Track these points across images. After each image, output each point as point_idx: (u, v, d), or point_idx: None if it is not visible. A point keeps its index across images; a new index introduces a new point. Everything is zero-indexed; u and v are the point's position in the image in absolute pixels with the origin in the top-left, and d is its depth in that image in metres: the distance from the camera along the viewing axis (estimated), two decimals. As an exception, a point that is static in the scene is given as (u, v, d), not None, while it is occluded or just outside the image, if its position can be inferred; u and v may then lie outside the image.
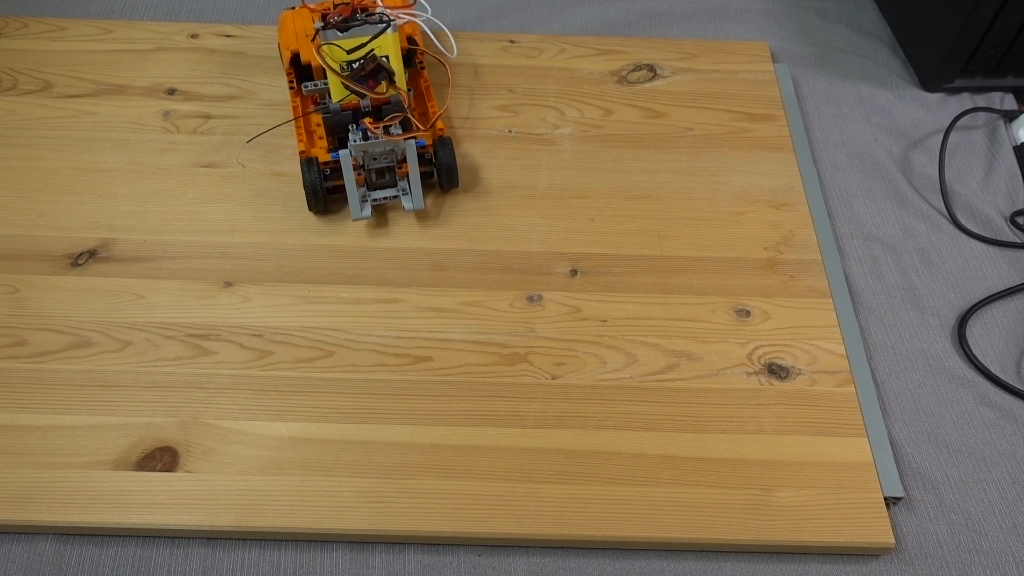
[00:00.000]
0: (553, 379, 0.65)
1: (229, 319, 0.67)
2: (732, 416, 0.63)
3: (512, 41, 0.90)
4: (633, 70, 0.88)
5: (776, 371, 0.66)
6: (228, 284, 0.69)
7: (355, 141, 0.69)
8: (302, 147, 0.73)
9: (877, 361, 0.69)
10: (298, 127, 0.75)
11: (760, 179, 0.79)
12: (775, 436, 0.62)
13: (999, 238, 0.77)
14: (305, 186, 0.71)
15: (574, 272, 0.72)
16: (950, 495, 0.62)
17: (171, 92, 0.83)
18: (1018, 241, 0.77)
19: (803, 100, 0.88)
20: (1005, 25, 0.83)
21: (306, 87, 0.75)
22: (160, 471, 0.59)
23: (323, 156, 0.72)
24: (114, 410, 0.62)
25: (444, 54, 0.83)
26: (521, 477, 0.60)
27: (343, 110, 0.71)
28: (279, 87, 0.84)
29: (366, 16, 0.72)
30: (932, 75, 0.88)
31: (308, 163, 0.71)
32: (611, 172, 0.79)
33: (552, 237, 0.74)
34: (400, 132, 0.70)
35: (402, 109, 0.70)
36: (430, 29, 0.82)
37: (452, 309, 0.69)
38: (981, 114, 0.86)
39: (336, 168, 0.71)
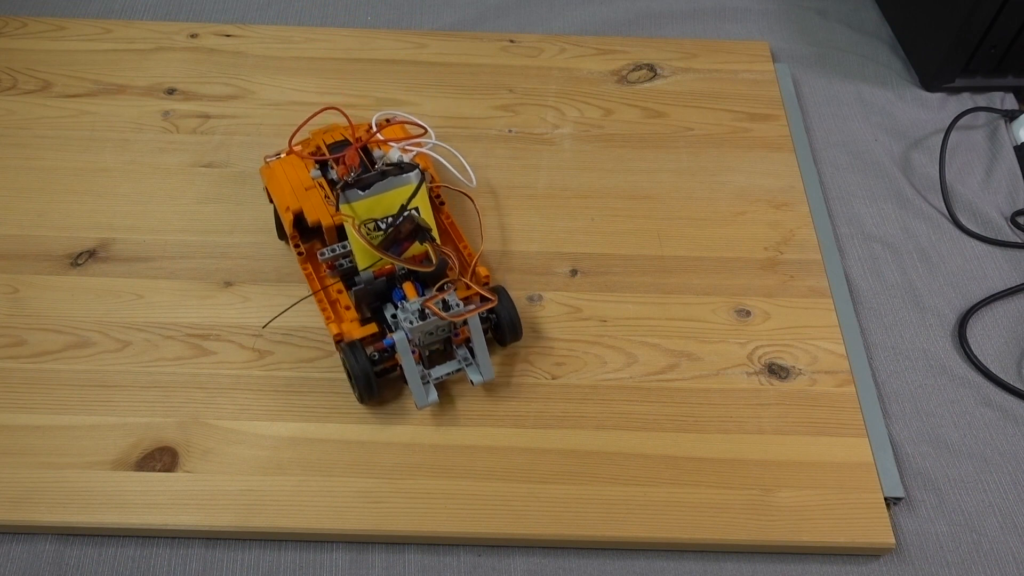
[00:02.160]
0: (553, 379, 0.65)
1: (229, 319, 0.67)
2: (732, 416, 0.63)
3: (512, 41, 0.90)
4: (633, 70, 0.88)
5: (776, 371, 0.66)
6: (228, 284, 0.69)
7: (410, 322, 0.59)
8: (335, 328, 0.61)
9: (877, 361, 0.69)
10: (319, 300, 0.64)
11: (760, 179, 0.79)
12: (775, 436, 0.62)
13: (999, 238, 0.77)
14: (355, 379, 0.60)
15: (574, 272, 0.72)
16: (950, 495, 0.62)
17: (171, 92, 0.83)
18: (1018, 241, 0.77)
19: (803, 100, 0.88)
20: (1005, 25, 0.83)
21: (323, 255, 0.64)
22: (160, 471, 0.59)
23: (356, 332, 0.61)
24: (113, 410, 0.62)
25: (464, 184, 0.72)
26: (521, 477, 0.60)
27: (376, 278, 0.61)
28: (279, 87, 0.84)
29: (385, 166, 0.62)
30: (932, 75, 0.88)
31: (352, 350, 0.59)
32: (611, 172, 0.79)
33: (552, 237, 0.74)
34: (460, 305, 0.60)
35: (442, 271, 0.60)
36: (433, 153, 0.72)
37: (452, 309, 0.68)
38: (981, 114, 0.86)
39: (383, 347, 0.60)
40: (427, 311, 0.59)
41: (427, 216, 0.62)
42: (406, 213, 0.60)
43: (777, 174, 0.79)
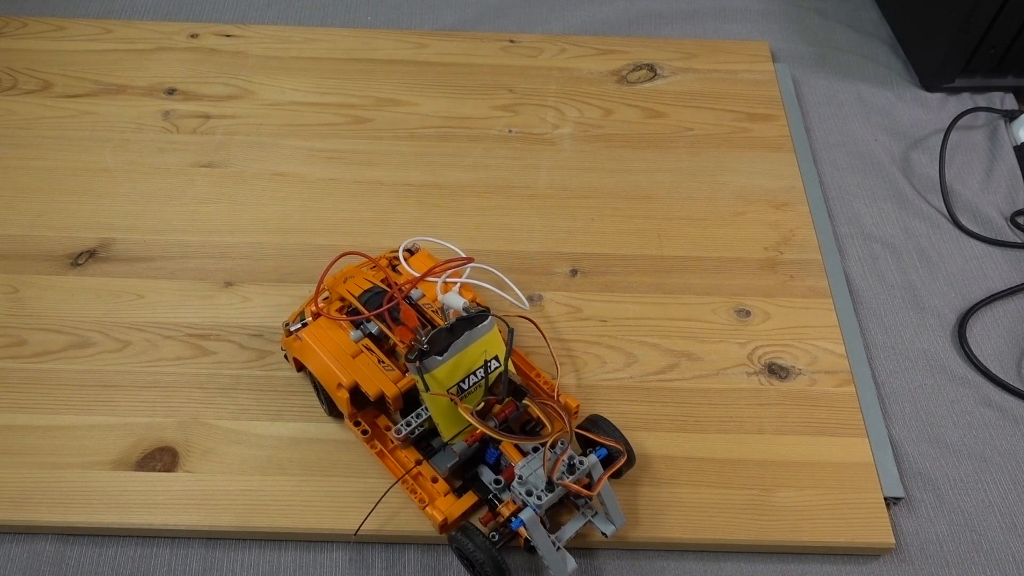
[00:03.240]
0: (553, 379, 0.65)
1: (229, 319, 0.67)
2: (732, 416, 0.63)
3: (512, 41, 0.90)
4: (633, 70, 0.88)
5: (776, 371, 0.66)
6: (228, 284, 0.69)
7: (539, 497, 0.52)
8: (438, 515, 0.54)
9: (877, 361, 0.69)
10: (405, 483, 0.57)
11: (760, 179, 0.79)
12: (775, 436, 0.62)
13: (999, 238, 0.77)
14: (483, 570, 0.52)
15: (574, 272, 0.72)
16: (950, 495, 0.62)
17: (171, 92, 0.83)
18: (1018, 241, 0.77)
19: (803, 100, 0.88)
20: (1005, 25, 0.83)
21: (399, 431, 0.55)
22: (160, 471, 0.59)
23: (456, 510, 0.55)
24: (114, 410, 0.62)
25: (517, 306, 0.62)
26: (521, 477, 0.60)
27: (469, 445, 0.55)
28: (279, 87, 0.84)
29: (454, 320, 0.53)
30: (932, 75, 0.88)
31: (470, 537, 0.52)
32: (611, 172, 0.79)
33: (552, 237, 0.74)
34: (582, 462, 0.53)
35: (523, 422, 0.55)
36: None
37: (452, 309, 0.68)
38: (981, 114, 0.86)
39: (499, 525, 0.54)
40: (556, 484, 0.52)
41: (506, 362, 0.55)
42: (499, 372, 0.55)
43: (777, 174, 0.79)
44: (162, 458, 0.60)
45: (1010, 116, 0.86)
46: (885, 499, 0.60)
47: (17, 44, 0.87)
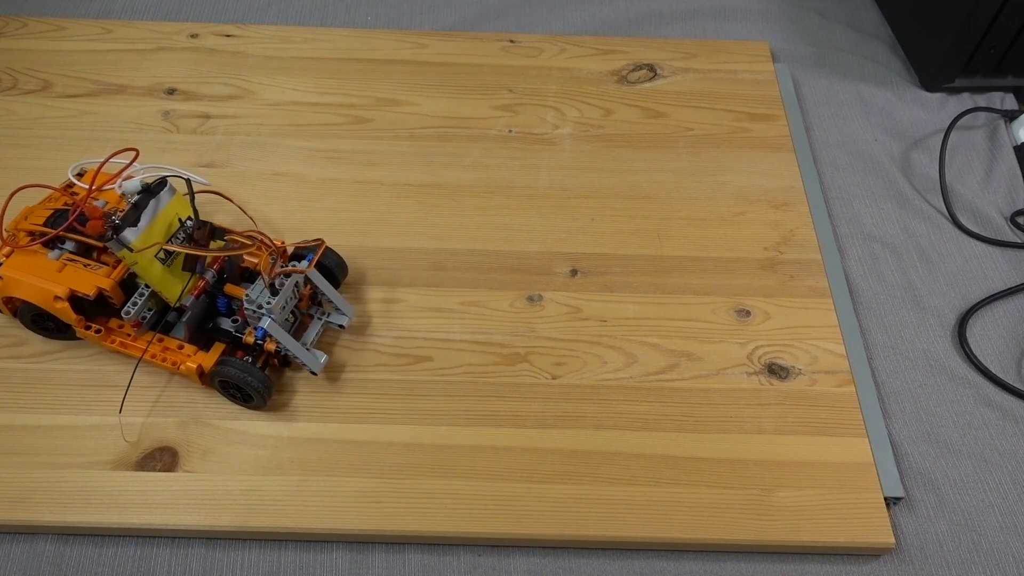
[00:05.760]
0: (553, 379, 0.65)
1: (229, 319, 0.67)
2: (732, 416, 0.63)
3: (512, 41, 0.90)
4: (633, 70, 0.88)
5: (776, 371, 0.66)
6: (228, 284, 0.69)
7: (268, 303, 0.59)
8: (192, 364, 0.60)
9: (877, 361, 0.69)
10: (151, 357, 0.61)
11: (760, 179, 0.79)
12: (775, 436, 0.62)
13: (999, 238, 0.77)
14: (252, 387, 0.59)
15: (574, 272, 0.72)
16: (950, 495, 0.62)
17: (171, 92, 0.83)
18: (1018, 241, 0.77)
19: (803, 100, 0.88)
20: (1005, 25, 0.83)
21: (128, 313, 0.59)
22: (160, 471, 0.59)
23: (210, 359, 0.60)
24: (114, 410, 0.62)
25: (198, 181, 0.63)
26: (521, 477, 0.60)
27: (197, 299, 0.60)
28: (279, 87, 0.84)
29: (136, 196, 0.58)
30: (932, 75, 0.88)
31: (229, 366, 0.59)
32: (611, 172, 0.79)
33: (552, 237, 0.74)
34: (295, 264, 0.61)
35: (233, 249, 0.60)
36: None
37: (452, 309, 0.69)
38: (981, 114, 0.86)
39: (254, 347, 0.61)
40: (276, 284, 0.59)
41: (196, 215, 0.61)
42: (196, 223, 0.60)
43: (777, 174, 0.79)
44: (162, 458, 0.60)
45: (1010, 116, 0.86)
46: (885, 499, 0.60)
47: (17, 44, 0.87)
